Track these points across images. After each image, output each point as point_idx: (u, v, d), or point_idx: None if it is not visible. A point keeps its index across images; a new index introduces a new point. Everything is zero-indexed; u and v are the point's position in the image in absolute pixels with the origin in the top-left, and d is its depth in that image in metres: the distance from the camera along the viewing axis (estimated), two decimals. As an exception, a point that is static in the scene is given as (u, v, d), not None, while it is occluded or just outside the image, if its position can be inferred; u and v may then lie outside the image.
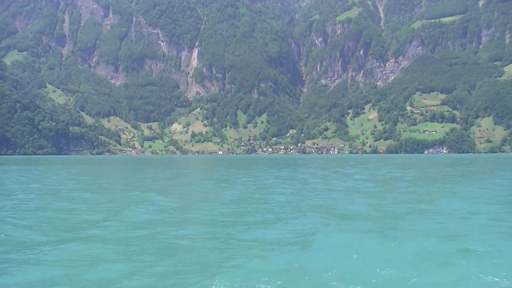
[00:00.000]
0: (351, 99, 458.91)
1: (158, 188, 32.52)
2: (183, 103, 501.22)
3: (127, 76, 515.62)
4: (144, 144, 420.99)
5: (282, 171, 65.40)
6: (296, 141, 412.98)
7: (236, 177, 50.25)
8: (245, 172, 64.43)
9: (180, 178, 46.39)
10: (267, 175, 55.26)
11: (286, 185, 36.13)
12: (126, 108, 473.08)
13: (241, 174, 57.32)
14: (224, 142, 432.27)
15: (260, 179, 42.22)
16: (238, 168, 78.97)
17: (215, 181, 43.87)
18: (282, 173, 59.38)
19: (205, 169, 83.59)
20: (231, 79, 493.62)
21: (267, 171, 64.80)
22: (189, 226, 17.68)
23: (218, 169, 75.99)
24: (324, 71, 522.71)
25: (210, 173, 66.33)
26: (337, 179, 43.05)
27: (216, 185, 38.33)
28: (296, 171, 64.86)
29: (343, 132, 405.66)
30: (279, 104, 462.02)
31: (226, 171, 67.81)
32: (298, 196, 27.51)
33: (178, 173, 66.56)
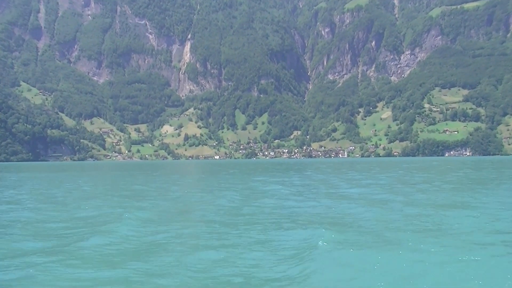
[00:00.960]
0: (362, 96, 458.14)
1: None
2: (175, 102, 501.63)
3: (111, 73, 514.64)
4: (131, 148, 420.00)
5: (290, 176, 63.78)
6: (301, 144, 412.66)
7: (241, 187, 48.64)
8: (244, 179, 62.63)
9: (165, 192, 44.10)
10: (269, 182, 53.45)
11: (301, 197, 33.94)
12: (111, 109, 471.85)
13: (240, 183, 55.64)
14: (220, 146, 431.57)
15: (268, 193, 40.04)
16: (236, 174, 77.16)
17: (211, 191, 42.45)
18: (291, 178, 57.84)
19: (199, 177, 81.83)
20: (228, 76, 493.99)
21: (269, 178, 63.04)
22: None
23: (214, 176, 74.56)
24: (332, 65, 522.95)
25: (204, 181, 64.78)
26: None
27: (213, 196, 36.33)
28: (309, 178, 63.02)
29: (353, 133, 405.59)
30: (282, 102, 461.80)
31: (224, 178, 66.35)
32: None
33: (165, 181, 64.85)
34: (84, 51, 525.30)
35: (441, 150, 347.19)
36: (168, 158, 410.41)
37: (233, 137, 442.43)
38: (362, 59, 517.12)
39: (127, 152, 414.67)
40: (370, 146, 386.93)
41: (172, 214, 24.16)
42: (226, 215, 23.16)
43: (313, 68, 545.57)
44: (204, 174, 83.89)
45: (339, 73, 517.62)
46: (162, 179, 63.47)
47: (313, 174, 70.72)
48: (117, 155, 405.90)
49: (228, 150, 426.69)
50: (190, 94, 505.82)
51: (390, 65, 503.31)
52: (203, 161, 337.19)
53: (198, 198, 32.97)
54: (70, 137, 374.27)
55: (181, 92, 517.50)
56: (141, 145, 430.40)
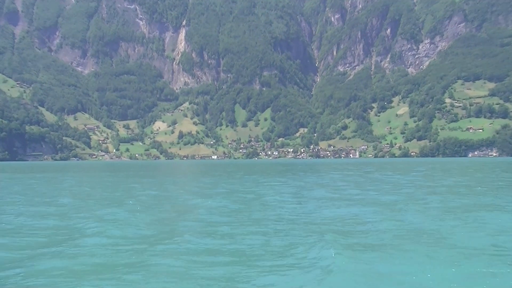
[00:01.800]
0: (376, 90, 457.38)
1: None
2: (168, 96, 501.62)
3: (97, 63, 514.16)
4: (120, 147, 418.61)
5: (300, 179, 61.37)
6: (307, 143, 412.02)
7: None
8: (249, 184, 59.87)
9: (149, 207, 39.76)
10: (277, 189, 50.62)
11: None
12: (96, 103, 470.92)
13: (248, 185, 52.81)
14: (219, 145, 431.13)
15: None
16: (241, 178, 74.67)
17: (209, 194, 39.82)
18: (301, 182, 55.36)
19: (196, 181, 79.28)
20: (227, 67, 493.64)
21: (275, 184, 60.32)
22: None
23: (212, 178, 72.40)
24: (342, 56, 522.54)
25: (202, 183, 62.07)
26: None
27: (210, 199, 33.65)
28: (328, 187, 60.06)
29: (366, 131, 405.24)
30: (287, 97, 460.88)
31: (226, 179, 64.31)
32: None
33: (156, 185, 61.92)
34: (67, 38, 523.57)
35: (463, 150, 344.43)
36: (160, 158, 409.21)
37: (233, 135, 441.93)
38: (376, 48, 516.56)
39: (115, 151, 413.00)
40: (385, 145, 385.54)
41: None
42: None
43: (321, 59, 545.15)
44: (205, 177, 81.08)
45: (350, 65, 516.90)
46: (150, 184, 60.34)
47: (351, 179, 67.64)
48: (104, 154, 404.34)
49: (227, 150, 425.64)
50: (185, 87, 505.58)
51: (407, 55, 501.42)
52: (199, 161, 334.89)
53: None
54: (51, 134, 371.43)
55: (175, 84, 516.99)
56: (131, 143, 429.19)
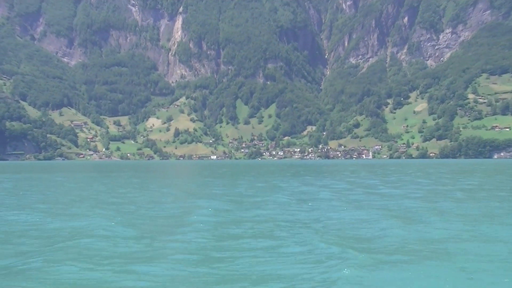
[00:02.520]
0: (391, 84, 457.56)
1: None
2: (163, 90, 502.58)
3: (85, 53, 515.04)
4: (110, 145, 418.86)
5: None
6: (316, 142, 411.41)
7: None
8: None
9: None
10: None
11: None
12: (84, 97, 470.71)
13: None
14: (218, 144, 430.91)
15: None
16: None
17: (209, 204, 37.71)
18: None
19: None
20: (227, 58, 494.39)
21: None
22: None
23: (211, 180, 70.50)
24: (354, 46, 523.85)
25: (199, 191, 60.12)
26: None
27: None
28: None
29: (380, 130, 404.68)
30: (293, 91, 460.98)
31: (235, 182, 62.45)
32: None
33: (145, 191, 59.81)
34: (51, 26, 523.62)
35: (488, 151, 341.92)
36: (154, 158, 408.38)
37: (234, 133, 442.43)
38: (392, 39, 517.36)
39: (104, 150, 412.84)
40: (401, 145, 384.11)
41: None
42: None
43: (331, 50, 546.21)
44: (202, 180, 79.16)
45: (363, 56, 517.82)
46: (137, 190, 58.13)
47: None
48: (92, 153, 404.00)
49: (227, 149, 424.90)
50: (182, 81, 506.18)
51: (426, 46, 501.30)
52: (197, 162, 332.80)
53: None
54: (34, 131, 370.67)
55: (170, 77, 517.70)
56: (122, 141, 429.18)
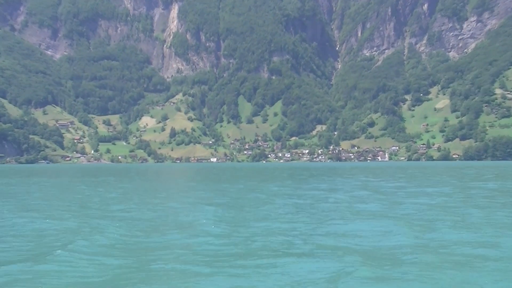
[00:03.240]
0: (409, 79, 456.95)
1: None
2: (157, 86, 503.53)
3: (71, 46, 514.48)
4: (99, 147, 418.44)
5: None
6: (326, 143, 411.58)
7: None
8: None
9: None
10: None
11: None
12: (71, 94, 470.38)
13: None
14: (219, 145, 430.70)
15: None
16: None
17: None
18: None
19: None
20: (228, 51, 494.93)
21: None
22: None
23: (211, 187, 69.06)
24: (368, 37, 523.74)
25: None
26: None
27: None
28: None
29: (397, 129, 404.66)
30: (301, 87, 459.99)
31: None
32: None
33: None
34: (34, 15, 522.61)
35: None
36: (148, 161, 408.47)
37: (236, 133, 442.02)
38: (410, 28, 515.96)
39: (93, 153, 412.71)
40: (420, 146, 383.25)
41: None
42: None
43: (343, 41, 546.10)
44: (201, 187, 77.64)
45: (378, 48, 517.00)
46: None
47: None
48: (80, 156, 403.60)
49: (228, 151, 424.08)
50: (178, 75, 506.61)
51: (448, 36, 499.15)
52: (195, 165, 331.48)
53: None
54: (15, 131, 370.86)
55: (165, 72, 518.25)
56: (112, 143, 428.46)
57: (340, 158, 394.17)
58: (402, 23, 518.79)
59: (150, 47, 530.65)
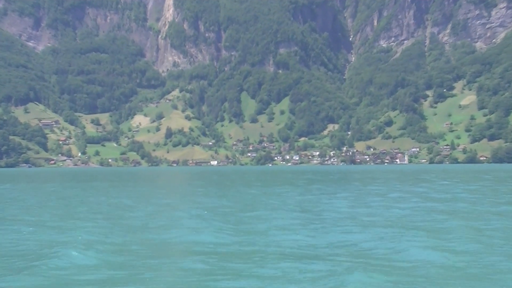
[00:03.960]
0: (431, 72, 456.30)
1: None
2: (151, 81, 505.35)
3: (55, 36, 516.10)
4: (87, 149, 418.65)
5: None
6: (338, 144, 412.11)
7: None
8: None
9: None
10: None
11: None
12: (55, 90, 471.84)
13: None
14: (220, 146, 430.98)
15: None
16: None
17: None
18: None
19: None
20: (230, 42, 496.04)
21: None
22: None
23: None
24: (385, 26, 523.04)
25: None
26: None
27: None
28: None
29: (418, 128, 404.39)
30: (311, 82, 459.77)
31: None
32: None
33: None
34: (13, 2, 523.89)
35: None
36: (141, 164, 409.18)
37: (238, 134, 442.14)
38: (432, 16, 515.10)
39: (80, 155, 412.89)
40: (443, 147, 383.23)
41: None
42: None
43: (357, 31, 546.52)
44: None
45: (396, 38, 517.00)
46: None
47: None
48: (66, 159, 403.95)
49: (230, 153, 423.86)
50: (174, 69, 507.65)
51: (474, 25, 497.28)
52: (194, 168, 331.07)
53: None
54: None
55: (160, 66, 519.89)
56: (102, 144, 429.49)
57: (354, 160, 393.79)
58: (423, 10, 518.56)
59: (143, 38, 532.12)
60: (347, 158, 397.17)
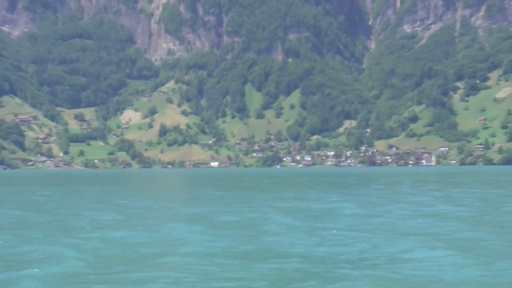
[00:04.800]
0: (463, 61, 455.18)
1: None
2: (143, 71, 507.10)
3: (33, 20, 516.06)
4: (70, 149, 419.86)
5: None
6: (356, 143, 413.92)
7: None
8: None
9: None
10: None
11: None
12: (33, 82, 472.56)
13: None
14: (221, 145, 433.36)
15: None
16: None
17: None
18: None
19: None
20: (232, 27, 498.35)
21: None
22: None
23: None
24: (409, 9, 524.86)
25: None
26: None
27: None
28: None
29: (447, 125, 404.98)
30: (324, 72, 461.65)
31: None
32: None
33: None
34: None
35: None
36: (132, 166, 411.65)
37: (242, 131, 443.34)
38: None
39: (62, 156, 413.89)
40: (476, 146, 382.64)
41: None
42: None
43: (377, 14, 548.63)
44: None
45: (422, 22, 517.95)
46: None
47: None
48: (46, 160, 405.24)
49: (233, 153, 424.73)
50: (169, 58, 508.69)
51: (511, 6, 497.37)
52: (191, 171, 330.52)
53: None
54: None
55: (153, 54, 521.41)
56: (87, 143, 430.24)
57: (373, 162, 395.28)
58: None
59: (134, 22, 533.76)
60: (365, 159, 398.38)
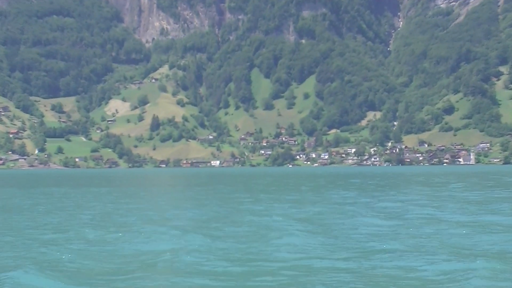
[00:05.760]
0: (506, 42, 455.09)
1: None
2: (132, 54, 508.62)
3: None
4: (46, 145, 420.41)
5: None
6: (381, 138, 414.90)
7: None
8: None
9: None
10: None
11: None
12: (3, 67, 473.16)
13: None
14: (223, 141, 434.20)
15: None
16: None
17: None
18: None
19: None
20: (237, 2, 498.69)
21: None
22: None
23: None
24: None
25: None
26: None
27: None
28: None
29: (488, 117, 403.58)
30: (344, 55, 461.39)
31: None
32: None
33: None
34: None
35: None
36: (119, 165, 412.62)
37: (248, 124, 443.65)
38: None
39: (37, 153, 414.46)
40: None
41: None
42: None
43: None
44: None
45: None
46: None
47: None
48: (18, 158, 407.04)
49: (237, 150, 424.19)
50: (163, 39, 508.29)
51: None
52: (189, 171, 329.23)
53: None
54: None
55: (144, 34, 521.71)
56: (66, 139, 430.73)
57: (402, 160, 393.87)
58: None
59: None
60: (392, 157, 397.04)
